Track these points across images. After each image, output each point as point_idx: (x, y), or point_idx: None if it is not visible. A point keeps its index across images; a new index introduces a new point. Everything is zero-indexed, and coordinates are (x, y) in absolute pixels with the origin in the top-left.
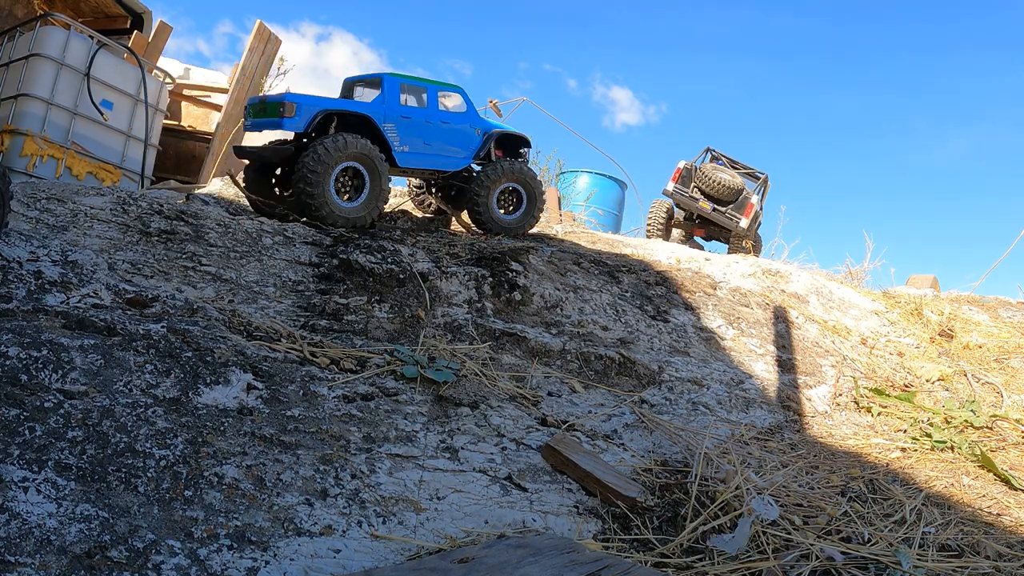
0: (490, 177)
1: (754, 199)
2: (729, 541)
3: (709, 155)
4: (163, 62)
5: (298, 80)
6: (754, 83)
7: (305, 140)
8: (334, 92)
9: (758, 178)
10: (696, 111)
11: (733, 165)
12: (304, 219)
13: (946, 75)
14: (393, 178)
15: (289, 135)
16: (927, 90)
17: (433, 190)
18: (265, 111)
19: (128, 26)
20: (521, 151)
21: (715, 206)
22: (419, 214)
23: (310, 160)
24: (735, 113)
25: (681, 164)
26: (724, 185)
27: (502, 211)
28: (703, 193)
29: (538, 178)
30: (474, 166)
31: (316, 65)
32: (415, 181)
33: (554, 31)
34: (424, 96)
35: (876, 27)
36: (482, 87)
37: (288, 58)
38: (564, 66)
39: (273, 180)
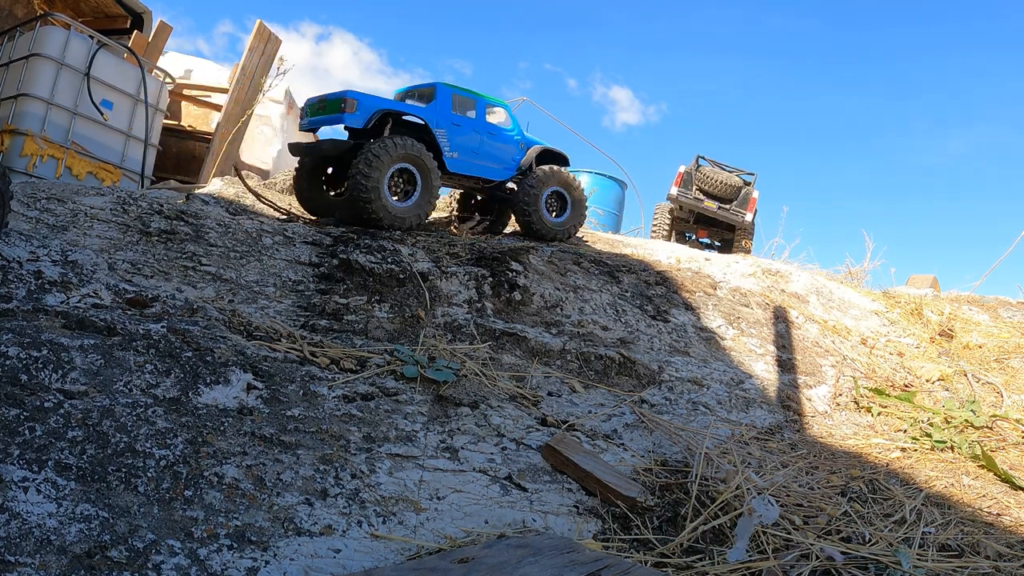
0: (540, 180)
1: (755, 193)
2: (735, 551)
3: (699, 161)
4: (175, 59)
5: (298, 80)
6: (754, 83)
7: (358, 141)
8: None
9: (751, 175)
10: (696, 111)
11: (722, 168)
12: (320, 223)
13: (947, 76)
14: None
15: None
16: (927, 90)
17: (472, 204)
18: (324, 108)
19: (128, 26)
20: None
21: (720, 205)
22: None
23: (367, 158)
24: (735, 113)
25: (682, 168)
26: (726, 184)
27: (552, 214)
28: (705, 194)
29: (579, 184)
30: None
31: (316, 65)
32: (455, 202)
33: (554, 31)
34: (473, 107)
35: (877, 27)
36: (483, 86)
37: (288, 58)
38: (564, 66)
39: (323, 180)
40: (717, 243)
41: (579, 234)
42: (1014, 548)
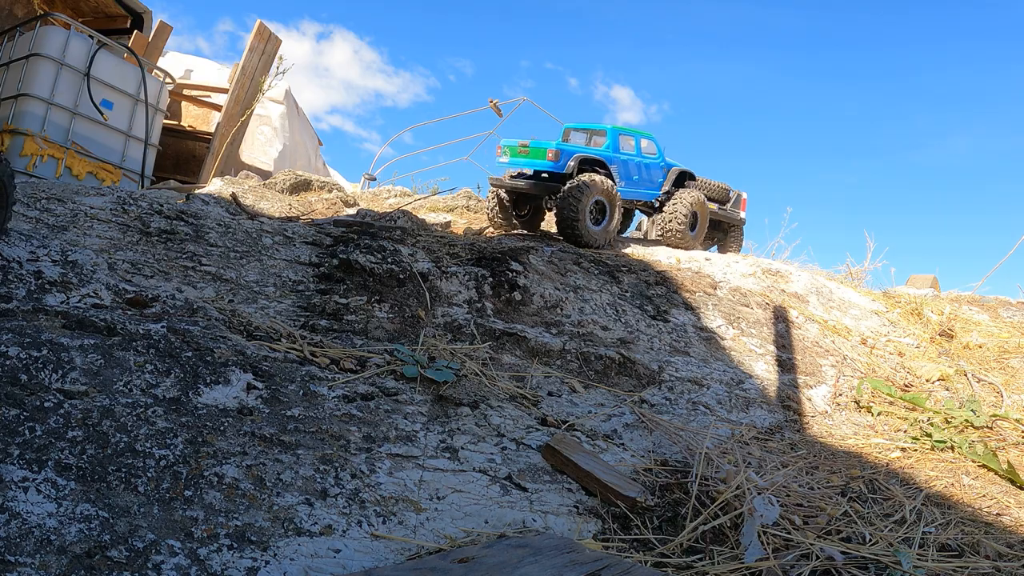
0: (681, 201)
1: (744, 194)
2: (751, 551)
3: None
4: (175, 59)
5: (299, 79)
6: (756, 82)
7: (545, 178)
8: (336, 91)
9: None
10: (698, 110)
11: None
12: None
13: (948, 75)
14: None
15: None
16: (928, 89)
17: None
18: (528, 153)
19: (128, 26)
20: (686, 183)
21: (720, 206)
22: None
23: (575, 193)
24: (736, 112)
25: None
26: (722, 187)
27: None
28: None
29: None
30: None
31: (317, 64)
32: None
33: (555, 30)
34: (632, 142)
35: (878, 26)
36: (483, 85)
37: (287, 57)
38: (566, 65)
39: (513, 208)
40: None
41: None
42: (1014, 548)
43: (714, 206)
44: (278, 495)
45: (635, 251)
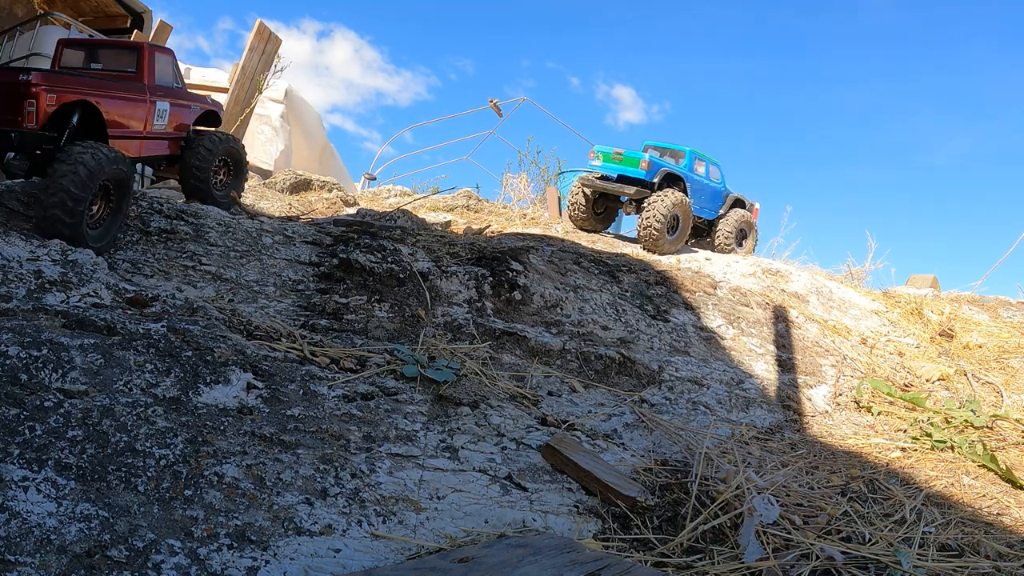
0: (729, 220)
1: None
2: (751, 551)
3: None
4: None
5: (299, 78)
6: (757, 81)
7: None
8: (336, 90)
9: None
10: (699, 109)
11: None
12: None
13: (949, 74)
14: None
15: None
16: (929, 89)
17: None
18: (623, 160)
19: (128, 25)
20: (739, 208)
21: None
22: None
23: (661, 206)
24: (738, 111)
25: None
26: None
27: (736, 243)
28: None
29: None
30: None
31: (317, 63)
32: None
33: (557, 29)
34: (704, 166)
35: (878, 25)
36: (484, 84)
37: (286, 56)
38: (566, 64)
39: (594, 208)
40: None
41: (579, 234)
42: (1014, 548)
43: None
44: (278, 495)
45: (635, 251)
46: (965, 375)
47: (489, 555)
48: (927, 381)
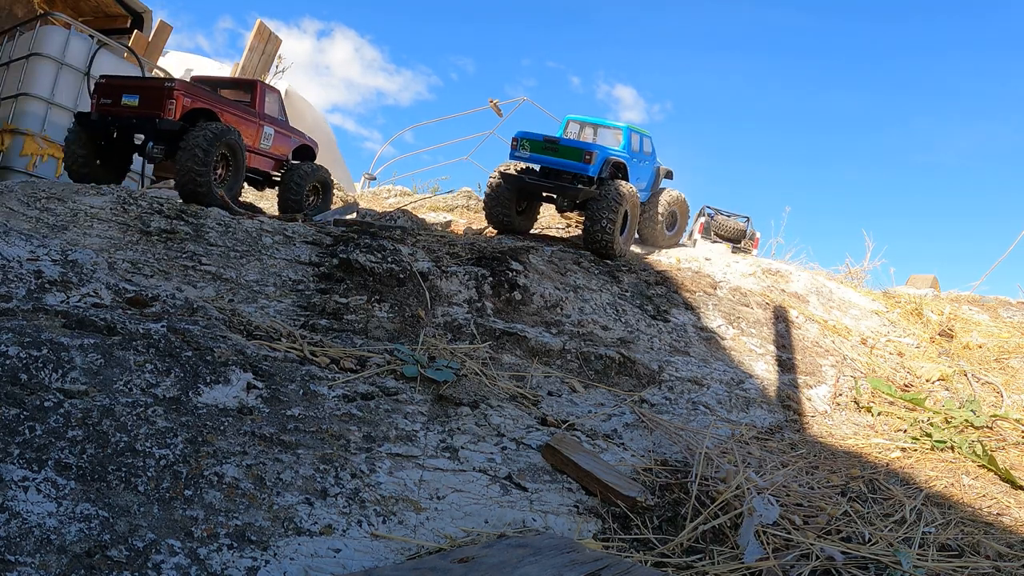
0: (660, 202)
1: (758, 233)
2: (751, 551)
3: (706, 209)
4: (176, 58)
5: (300, 77)
6: (757, 81)
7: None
8: (337, 89)
9: (747, 218)
10: (700, 109)
11: (720, 212)
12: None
13: (949, 73)
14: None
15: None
16: (930, 88)
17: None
18: (558, 152)
19: (128, 25)
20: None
21: (734, 246)
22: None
23: (615, 205)
24: (738, 111)
25: (701, 220)
26: (738, 228)
27: (665, 228)
28: (721, 237)
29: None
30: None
31: (318, 62)
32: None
33: (557, 28)
34: (639, 142)
35: (879, 24)
36: (485, 84)
37: (286, 56)
38: (567, 63)
39: (514, 203)
40: None
41: (579, 234)
42: (1014, 548)
43: (729, 246)
44: (278, 495)
45: (635, 251)
46: (965, 375)
47: (489, 555)
48: (927, 381)
